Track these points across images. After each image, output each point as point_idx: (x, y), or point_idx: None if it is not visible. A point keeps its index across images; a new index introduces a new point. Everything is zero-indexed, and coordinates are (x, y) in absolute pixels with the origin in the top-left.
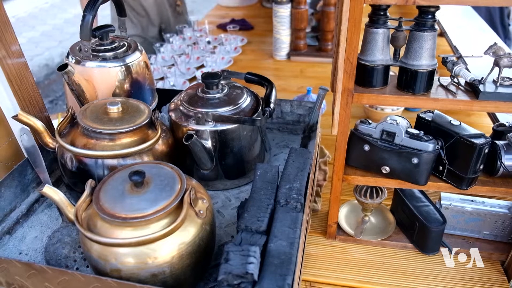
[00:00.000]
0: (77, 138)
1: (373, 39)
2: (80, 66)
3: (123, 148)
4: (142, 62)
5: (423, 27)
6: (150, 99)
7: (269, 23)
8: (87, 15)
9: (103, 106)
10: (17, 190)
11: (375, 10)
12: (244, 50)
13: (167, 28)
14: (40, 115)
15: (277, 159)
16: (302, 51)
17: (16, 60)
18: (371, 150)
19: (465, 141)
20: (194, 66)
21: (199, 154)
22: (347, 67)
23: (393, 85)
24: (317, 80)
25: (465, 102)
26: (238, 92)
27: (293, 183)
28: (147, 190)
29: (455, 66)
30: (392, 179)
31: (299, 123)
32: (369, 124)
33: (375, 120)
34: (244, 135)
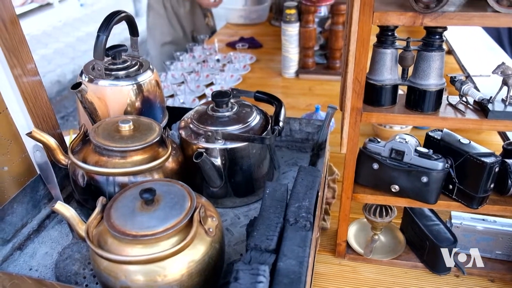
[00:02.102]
0: (89, 155)
1: (381, 59)
2: (93, 84)
3: (134, 165)
4: (154, 80)
5: (431, 47)
6: (161, 117)
7: (278, 41)
8: (101, 35)
9: (115, 124)
10: (29, 206)
11: (383, 31)
12: (253, 68)
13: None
14: (53, 132)
15: (286, 176)
16: (311, 69)
17: (32, 78)
18: (380, 169)
19: (475, 160)
20: (203, 83)
21: (208, 172)
22: (355, 87)
23: (402, 104)
24: (326, 97)
25: (474, 121)
26: (247, 111)
27: (302, 201)
28: (158, 207)
29: (463, 85)
30: (402, 197)
31: (308, 141)
32: (378, 142)
33: (384, 138)
34: (254, 153)
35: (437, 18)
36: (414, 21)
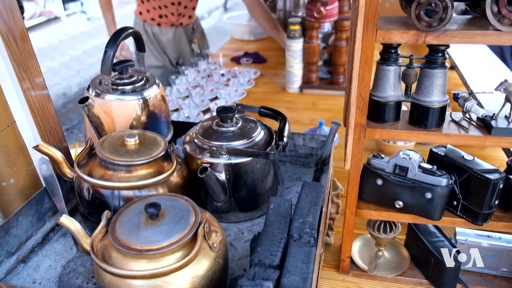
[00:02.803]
0: (95, 169)
1: (384, 76)
2: (99, 98)
3: (139, 179)
4: (159, 95)
5: (433, 64)
6: (166, 131)
7: (282, 56)
8: (109, 50)
9: (121, 138)
10: (34, 218)
11: (386, 48)
12: (257, 83)
13: (184, 63)
14: (60, 145)
15: (289, 191)
16: (314, 84)
17: (40, 92)
18: (384, 185)
19: (479, 176)
20: (208, 98)
21: (213, 187)
22: (359, 103)
23: (405, 120)
24: (329, 112)
25: (477, 137)
26: (252, 126)
27: (306, 217)
28: (162, 222)
29: (466, 102)
30: (406, 213)
31: (311, 156)
32: (382, 158)
33: (388, 153)
34: (258, 168)
35: (440, 36)
36: (416, 39)
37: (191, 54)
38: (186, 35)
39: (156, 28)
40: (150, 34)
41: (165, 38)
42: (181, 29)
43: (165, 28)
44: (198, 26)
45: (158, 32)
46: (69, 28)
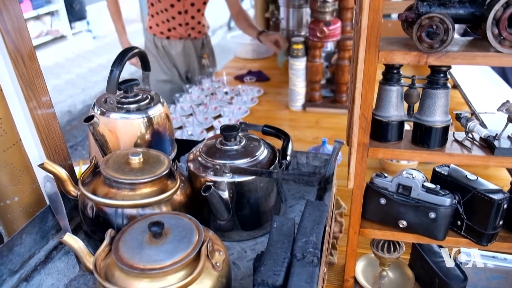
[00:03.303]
0: (99, 187)
1: (387, 95)
2: (104, 117)
3: (143, 198)
4: (164, 113)
5: (435, 85)
6: (170, 149)
7: (285, 75)
8: (115, 70)
9: (125, 156)
10: (37, 236)
11: (389, 69)
12: (260, 101)
13: (192, 77)
14: (64, 163)
15: (293, 210)
16: (317, 102)
17: (46, 110)
18: (388, 204)
19: (483, 196)
20: (211, 116)
21: (216, 205)
22: (362, 123)
23: (408, 139)
24: (332, 130)
25: (480, 157)
26: (255, 144)
27: (309, 236)
28: (166, 241)
29: (469, 122)
30: (410, 233)
31: (314, 174)
32: (385, 177)
33: (391, 172)
34: (261, 186)
35: (441, 58)
36: (418, 60)
37: (201, 69)
38: (195, 49)
39: (165, 42)
40: (160, 47)
41: (174, 51)
42: (190, 43)
43: (174, 41)
44: (208, 43)
45: (168, 45)
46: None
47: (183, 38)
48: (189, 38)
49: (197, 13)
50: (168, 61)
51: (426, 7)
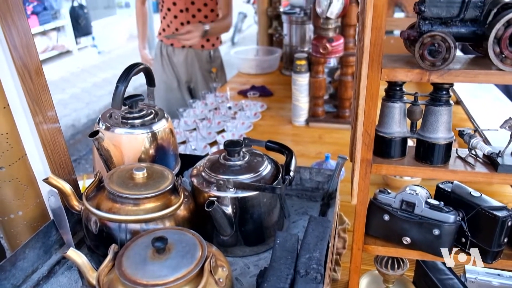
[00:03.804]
0: (103, 202)
1: (390, 112)
2: (109, 132)
3: (147, 213)
4: (168, 129)
5: (438, 102)
6: (174, 164)
7: (288, 90)
8: (120, 85)
9: (129, 171)
10: (41, 251)
11: (391, 86)
12: (263, 116)
13: (195, 88)
14: (68, 178)
15: (296, 225)
16: (320, 117)
17: (51, 125)
18: (391, 220)
19: (487, 213)
20: (215, 130)
21: (219, 220)
22: (365, 139)
23: (411, 156)
24: (335, 146)
25: (484, 174)
26: (258, 160)
27: (313, 252)
28: (169, 256)
29: (472, 139)
30: (414, 250)
31: (318, 190)
32: (388, 193)
33: (394, 187)
34: (264, 202)
35: (444, 75)
36: (421, 77)
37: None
38: (198, 60)
39: (170, 49)
40: (164, 54)
41: (176, 59)
42: (192, 52)
43: (177, 49)
44: (217, 58)
45: (172, 53)
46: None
47: (185, 46)
48: (190, 47)
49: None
50: (171, 68)
51: (428, 26)
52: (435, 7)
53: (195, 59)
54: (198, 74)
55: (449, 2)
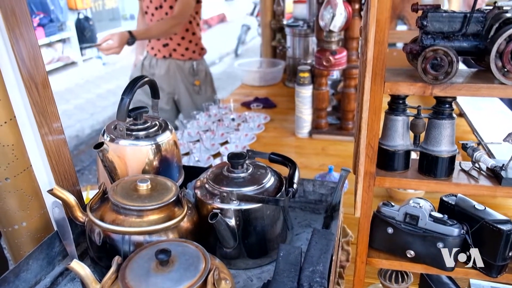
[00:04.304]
0: (107, 214)
1: (393, 125)
2: (114, 144)
3: (150, 224)
4: (172, 140)
5: (441, 115)
6: (177, 176)
7: (291, 102)
8: (125, 98)
9: (133, 183)
10: (44, 262)
11: (394, 99)
12: (267, 128)
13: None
14: (73, 189)
15: (299, 238)
16: (324, 129)
17: (57, 137)
18: (395, 233)
19: (491, 227)
20: (218, 142)
21: (222, 233)
22: (368, 152)
23: (415, 169)
24: (339, 158)
25: (488, 187)
26: (262, 172)
27: (316, 265)
28: (172, 269)
29: (475, 152)
30: (418, 263)
31: (321, 202)
32: (392, 206)
33: (398, 200)
34: (267, 214)
35: (446, 89)
36: (424, 91)
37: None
38: (180, 72)
39: (154, 60)
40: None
41: (158, 71)
42: (173, 63)
43: (160, 60)
44: (201, 71)
45: (155, 64)
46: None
47: (165, 57)
48: (170, 58)
49: (174, 35)
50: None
51: (430, 40)
52: (437, 21)
53: (177, 70)
54: (181, 87)
55: (451, 17)
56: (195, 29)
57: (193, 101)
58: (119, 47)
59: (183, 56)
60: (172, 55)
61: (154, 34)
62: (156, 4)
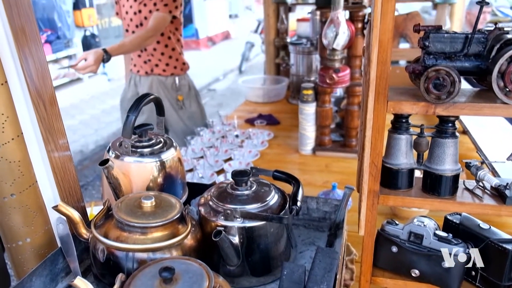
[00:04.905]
0: (111, 230)
1: (396, 144)
2: (119, 160)
3: (154, 242)
4: (176, 157)
5: (444, 134)
6: (181, 193)
7: (295, 119)
8: (130, 115)
9: (138, 200)
10: (47, 279)
11: (397, 118)
12: (270, 144)
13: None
14: (77, 205)
15: (303, 256)
16: (327, 146)
17: (63, 153)
18: (399, 252)
19: (497, 246)
20: (222, 158)
21: (226, 250)
22: (372, 170)
23: (419, 187)
24: (342, 175)
25: (492, 206)
26: (266, 190)
27: (320, 284)
28: (176, 287)
29: (479, 171)
30: (423, 283)
31: (325, 220)
32: (396, 225)
33: (402, 218)
34: (271, 232)
35: (449, 108)
36: (426, 110)
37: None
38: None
39: (137, 78)
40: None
41: (141, 89)
42: (156, 79)
43: (143, 77)
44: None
45: (138, 82)
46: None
47: (148, 73)
48: (152, 73)
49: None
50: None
51: (432, 60)
52: (439, 42)
53: (160, 86)
54: (165, 102)
55: (452, 37)
56: (174, 44)
57: (179, 116)
58: (94, 64)
59: (164, 71)
60: (154, 70)
61: (128, 48)
62: (137, 22)
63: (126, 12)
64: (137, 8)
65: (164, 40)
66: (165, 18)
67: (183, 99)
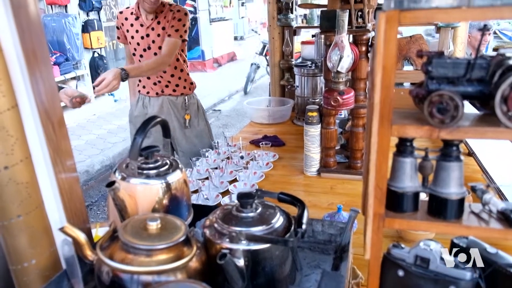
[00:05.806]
0: (116, 253)
1: (401, 167)
2: (125, 182)
3: (159, 264)
4: (182, 179)
5: (449, 157)
6: (186, 215)
7: (300, 140)
8: (138, 137)
9: (143, 221)
10: None
11: (402, 141)
12: (275, 166)
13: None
14: (83, 227)
15: (308, 279)
16: (332, 168)
17: (70, 174)
18: (406, 276)
19: (505, 271)
20: (227, 180)
21: (231, 273)
22: (377, 193)
23: (424, 210)
24: (347, 196)
25: (499, 231)
26: (271, 212)
27: None
28: None
29: (484, 195)
30: None
31: (330, 243)
32: (402, 248)
33: (408, 240)
34: (276, 254)
35: (453, 132)
36: (430, 134)
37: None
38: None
39: (146, 99)
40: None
41: (151, 109)
42: (166, 100)
43: (152, 98)
44: (193, 105)
45: (148, 103)
46: (97, 108)
47: (158, 94)
48: (163, 94)
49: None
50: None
51: (435, 85)
52: (442, 67)
53: (170, 106)
54: (174, 122)
55: (455, 63)
56: (182, 65)
57: (185, 134)
58: (115, 79)
59: (174, 91)
60: (164, 91)
61: (143, 71)
62: (144, 46)
63: (132, 37)
64: (144, 33)
65: (173, 62)
66: (176, 43)
67: (191, 118)
